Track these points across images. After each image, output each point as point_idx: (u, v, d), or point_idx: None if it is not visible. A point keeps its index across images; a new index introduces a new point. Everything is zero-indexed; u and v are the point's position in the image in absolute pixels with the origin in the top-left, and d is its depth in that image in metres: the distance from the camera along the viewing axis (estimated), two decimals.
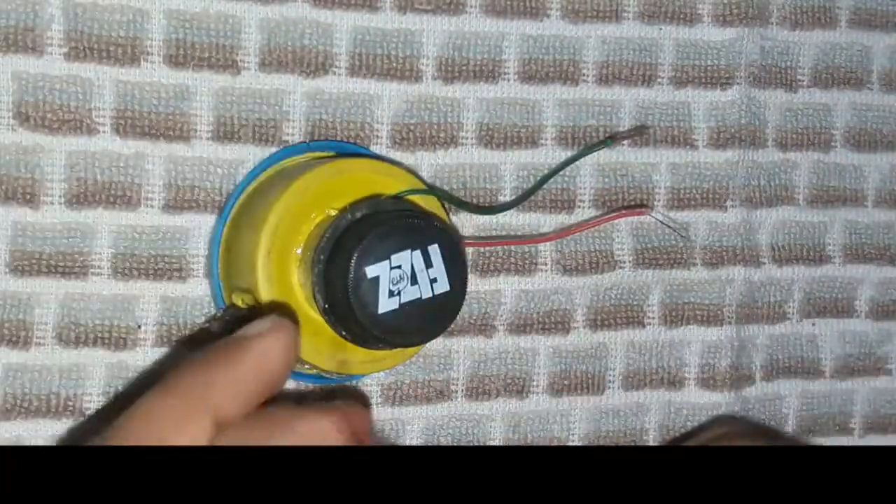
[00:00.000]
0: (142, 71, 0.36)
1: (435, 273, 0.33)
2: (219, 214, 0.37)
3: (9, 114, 0.35)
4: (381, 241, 0.32)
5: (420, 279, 0.33)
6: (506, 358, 0.40)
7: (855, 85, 0.44)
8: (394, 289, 0.33)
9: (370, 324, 0.32)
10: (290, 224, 0.34)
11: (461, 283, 0.34)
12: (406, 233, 0.33)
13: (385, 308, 0.32)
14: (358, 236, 0.32)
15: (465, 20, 0.39)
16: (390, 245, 0.33)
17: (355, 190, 0.34)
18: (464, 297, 0.34)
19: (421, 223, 0.33)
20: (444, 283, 0.33)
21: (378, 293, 0.32)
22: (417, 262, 0.33)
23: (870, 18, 0.45)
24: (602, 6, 0.41)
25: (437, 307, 0.33)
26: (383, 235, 0.32)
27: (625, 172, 0.41)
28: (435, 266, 0.33)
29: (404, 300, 0.33)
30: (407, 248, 0.33)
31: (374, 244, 0.32)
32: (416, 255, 0.33)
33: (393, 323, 0.33)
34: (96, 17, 0.36)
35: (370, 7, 0.38)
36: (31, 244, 0.35)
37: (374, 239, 0.32)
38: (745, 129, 0.43)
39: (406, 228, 0.33)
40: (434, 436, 0.40)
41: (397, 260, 0.33)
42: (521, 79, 0.40)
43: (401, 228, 0.33)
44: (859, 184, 0.45)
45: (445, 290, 0.33)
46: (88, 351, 0.36)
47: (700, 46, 0.42)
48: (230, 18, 0.37)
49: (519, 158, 0.40)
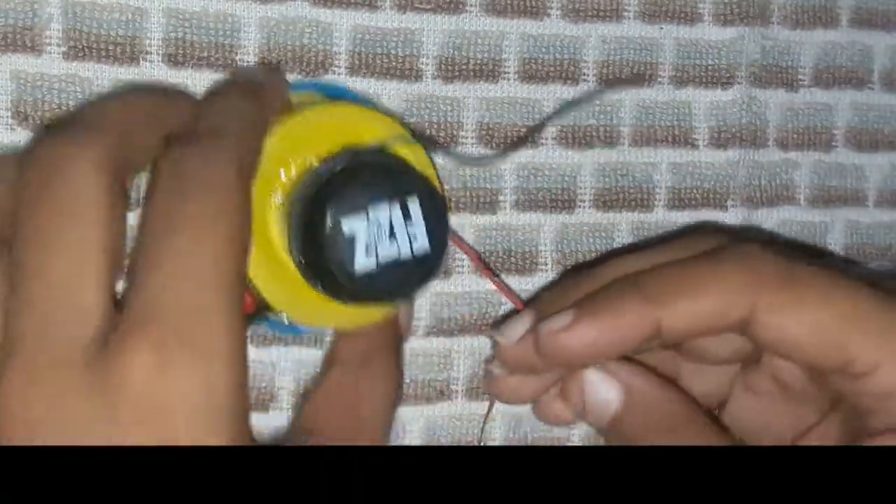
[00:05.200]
0: (141, 70, 0.36)
1: (414, 228, 0.32)
2: None
3: (7, 113, 0.35)
4: (358, 193, 0.31)
5: (398, 234, 0.32)
6: None
7: (856, 84, 0.44)
8: (371, 244, 0.31)
9: (346, 281, 0.31)
10: (270, 168, 0.32)
11: (441, 241, 0.33)
12: (384, 182, 0.32)
13: (361, 265, 0.31)
14: (335, 188, 0.31)
15: (465, 19, 0.39)
16: (368, 197, 0.31)
17: (340, 137, 0.33)
18: (444, 254, 0.33)
19: (400, 172, 0.32)
20: (423, 240, 0.32)
21: (354, 249, 0.31)
22: (396, 215, 0.32)
23: (871, 18, 0.44)
24: (602, 5, 0.41)
25: (415, 264, 0.32)
26: (361, 187, 0.31)
27: (625, 172, 0.41)
28: (414, 220, 0.32)
29: (382, 259, 0.32)
30: (385, 199, 0.32)
31: (351, 196, 0.31)
32: (395, 208, 0.32)
33: (369, 282, 0.32)
34: (95, 17, 0.36)
35: (370, 6, 0.38)
36: None
37: (351, 191, 0.31)
38: (745, 129, 0.43)
39: (385, 179, 0.32)
40: (434, 436, 0.40)
41: (375, 213, 0.31)
42: (522, 78, 0.40)
43: (379, 179, 0.32)
44: (860, 184, 0.45)
45: (425, 246, 0.32)
46: None
47: (701, 46, 0.42)
48: (230, 17, 0.37)
49: (519, 158, 0.40)
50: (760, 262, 0.34)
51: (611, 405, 0.35)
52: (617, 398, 0.35)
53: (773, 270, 0.33)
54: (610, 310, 0.33)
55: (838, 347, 0.33)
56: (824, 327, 0.33)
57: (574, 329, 0.33)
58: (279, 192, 0.33)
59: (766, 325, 0.33)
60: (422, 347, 0.39)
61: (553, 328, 0.34)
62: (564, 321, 0.34)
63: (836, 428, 0.36)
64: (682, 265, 0.34)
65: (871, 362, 0.32)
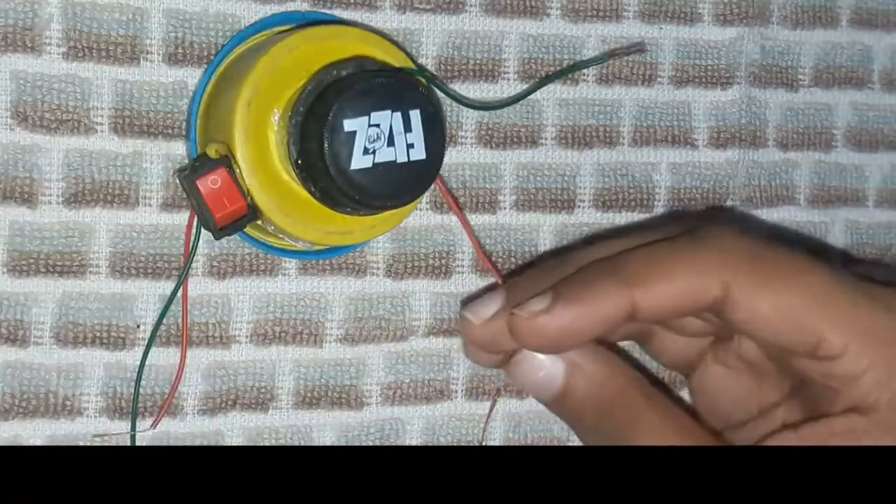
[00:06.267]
0: (141, 70, 0.36)
1: (413, 138, 0.32)
2: (204, 71, 0.36)
3: (7, 113, 0.35)
4: (362, 97, 0.32)
5: (397, 142, 0.32)
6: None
7: (856, 84, 0.44)
8: (369, 147, 0.32)
9: (341, 178, 0.32)
10: (274, 80, 0.33)
11: (438, 153, 0.33)
12: (389, 92, 0.32)
13: (357, 164, 0.32)
14: (339, 90, 0.32)
15: (464, 19, 0.39)
16: (371, 102, 0.32)
17: (340, 54, 0.33)
18: (439, 167, 0.33)
19: (405, 85, 0.33)
20: (420, 150, 0.33)
21: (353, 148, 0.32)
22: (397, 123, 0.32)
23: (871, 18, 0.44)
24: (602, 5, 0.41)
25: (411, 173, 0.33)
26: (365, 91, 0.32)
27: (625, 172, 0.41)
28: (414, 131, 0.32)
29: (378, 160, 0.32)
30: (388, 107, 0.32)
31: (355, 98, 0.32)
32: (397, 116, 0.32)
33: (364, 181, 0.32)
34: (95, 17, 0.36)
35: (369, 6, 0.38)
36: (28, 244, 0.35)
37: (355, 93, 0.32)
38: (745, 129, 0.43)
39: (389, 88, 0.32)
40: (434, 436, 0.40)
41: (377, 118, 0.32)
42: (521, 78, 0.40)
43: (384, 87, 0.32)
44: (860, 184, 0.45)
45: (421, 157, 0.33)
46: (86, 351, 0.36)
47: (700, 46, 0.42)
48: (230, 17, 0.37)
49: (519, 158, 0.40)
50: (734, 244, 0.34)
51: (555, 382, 0.35)
52: (561, 375, 0.35)
53: (746, 252, 0.34)
54: (586, 292, 0.34)
55: (807, 330, 0.33)
56: (794, 310, 0.33)
57: (551, 312, 0.33)
58: (278, 108, 0.33)
59: (737, 306, 0.33)
60: (422, 347, 0.39)
61: (531, 310, 0.34)
62: (542, 304, 0.34)
63: (799, 406, 0.36)
64: (656, 247, 0.34)
65: (839, 346, 0.33)
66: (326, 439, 0.38)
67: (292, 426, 0.38)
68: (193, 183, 0.33)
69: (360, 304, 0.39)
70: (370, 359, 0.39)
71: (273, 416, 0.38)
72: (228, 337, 0.37)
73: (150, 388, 0.36)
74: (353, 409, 0.39)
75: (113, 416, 0.36)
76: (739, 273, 0.33)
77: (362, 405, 0.39)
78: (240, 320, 0.37)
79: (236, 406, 0.37)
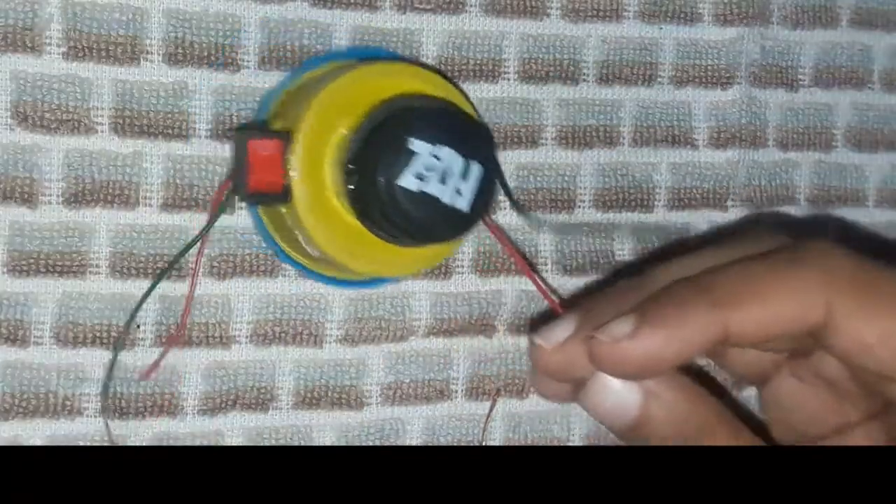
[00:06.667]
0: (141, 70, 0.36)
1: (464, 188, 0.33)
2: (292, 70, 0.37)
3: (7, 113, 0.35)
4: (437, 127, 0.32)
5: (448, 182, 0.32)
6: (506, 358, 0.40)
7: (856, 84, 0.44)
8: (423, 174, 0.32)
9: (385, 187, 0.32)
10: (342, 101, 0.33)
11: (479, 212, 0.33)
12: (463, 136, 0.33)
13: (405, 183, 0.32)
14: (419, 113, 0.32)
15: (464, 19, 0.39)
16: (443, 135, 0.32)
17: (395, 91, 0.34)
18: (475, 224, 0.33)
19: (480, 138, 0.33)
20: (465, 201, 0.33)
21: (408, 165, 0.32)
22: (457, 166, 0.32)
23: (871, 18, 0.44)
24: (602, 5, 0.41)
25: (447, 216, 0.33)
26: (442, 123, 0.32)
27: (625, 172, 0.41)
28: (468, 182, 0.33)
29: (425, 189, 0.32)
30: (455, 148, 0.32)
31: (430, 124, 0.32)
32: (459, 160, 0.32)
33: (403, 200, 0.32)
34: (95, 17, 0.36)
35: (370, 6, 0.38)
36: (28, 244, 0.35)
37: (433, 121, 0.32)
38: (745, 129, 0.43)
39: (466, 132, 0.33)
40: (434, 436, 0.40)
41: (441, 152, 0.32)
42: (521, 78, 0.40)
43: (461, 128, 0.33)
44: (860, 184, 0.45)
45: (463, 208, 0.33)
46: (86, 351, 0.36)
47: (700, 46, 0.42)
48: (230, 17, 0.37)
49: (519, 158, 0.40)
50: (838, 264, 0.32)
51: (629, 412, 0.32)
52: (636, 404, 0.32)
53: (852, 274, 0.32)
54: (675, 314, 0.31)
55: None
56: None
57: (637, 337, 0.31)
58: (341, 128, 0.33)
59: (840, 332, 0.31)
60: (422, 347, 0.39)
61: (614, 334, 0.31)
62: (625, 328, 0.31)
63: (881, 429, 0.34)
64: (752, 264, 0.32)
65: None
66: (326, 439, 0.38)
67: (292, 426, 0.38)
68: (247, 141, 0.33)
69: (359, 304, 0.39)
70: (370, 359, 0.39)
71: (273, 416, 0.38)
72: (228, 337, 0.37)
73: (150, 388, 0.36)
74: (353, 409, 0.39)
75: (113, 416, 0.36)
76: (845, 296, 0.31)
77: (362, 405, 0.39)
78: (240, 320, 0.37)
79: (236, 406, 0.37)
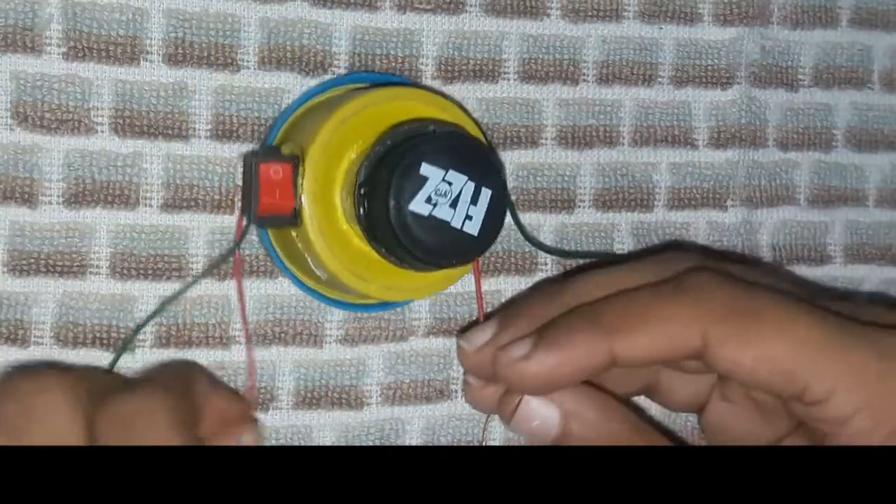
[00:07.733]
0: (141, 70, 0.36)
1: (474, 213, 0.33)
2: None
3: (7, 113, 0.35)
4: (449, 152, 0.33)
5: (459, 207, 0.33)
6: None
7: (856, 84, 0.44)
8: (433, 198, 0.33)
9: (395, 211, 0.32)
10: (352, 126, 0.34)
11: (488, 237, 0.34)
12: (474, 161, 0.33)
13: (416, 207, 0.32)
14: (430, 137, 0.33)
15: (464, 19, 0.39)
16: (455, 161, 0.33)
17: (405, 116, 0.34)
18: (484, 250, 0.34)
19: (491, 165, 0.34)
20: (475, 226, 0.33)
21: (419, 189, 0.32)
22: (467, 191, 0.33)
23: (871, 18, 0.44)
24: (602, 5, 0.41)
25: (456, 241, 0.33)
26: (454, 149, 0.33)
27: (625, 172, 0.41)
28: (478, 207, 0.33)
29: (435, 213, 0.33)
30: (466, 174, 0.33)
31: (441, 150, 0.33)
32: (470, 185, 0.33)
33: (413, 223, 0.32)
34: (95, 17, 0.36)
35: (370, 6, 0.38)
36: (29, 244, 0.35)
37: (444, 146, 0.33)
38: (745, 129, 0.43)
39: (477, 158, 0.33)
40: (434, 436, 0.40)
41: (453, 177, 0.33)
42: (521, 78, 0.40)
43: (472, 154, 0.33)
44: (860, 183, 0.45)
45: (473, 233, 0.33)
46: (86, 351, 0.36)
47: (700, 46, 0.42)
48: (230, 17, 0.37)
49: (519, 158, 0.40)
50: (712, 294, 0.34)
51: (550, 430, 0.35)
52: (556, 422, 0.35)
53: (724, 303, 0.34)
54: (567, 340, 0.34)
55: (790, 377, 0.33)
56: (778, 359, 0.33)
57: (532, 358, 0.34)
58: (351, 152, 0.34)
59: (718, 357, 0.34)
60: (422, 347, 0.39)
61: (513, 356, 0.35)
62: (524, 350, 0.35)
63: (804, 439, 0.36)
64: (637, 295, 0.35)
65: (825, 391, 0.33)
66: (326, 439, 0.38)
67: (292, 426, 0.38)
68: (258, 165, 0.33)
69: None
70: (370, 359, 0.39)
71: (273, 416, 0.38)
72: (229, 337, 0.37)
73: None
74: (353, 409, 0.39)
75: None
76: (720, 324, 0.34)
77: (362, 405, 0.39)
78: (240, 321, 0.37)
79: None
